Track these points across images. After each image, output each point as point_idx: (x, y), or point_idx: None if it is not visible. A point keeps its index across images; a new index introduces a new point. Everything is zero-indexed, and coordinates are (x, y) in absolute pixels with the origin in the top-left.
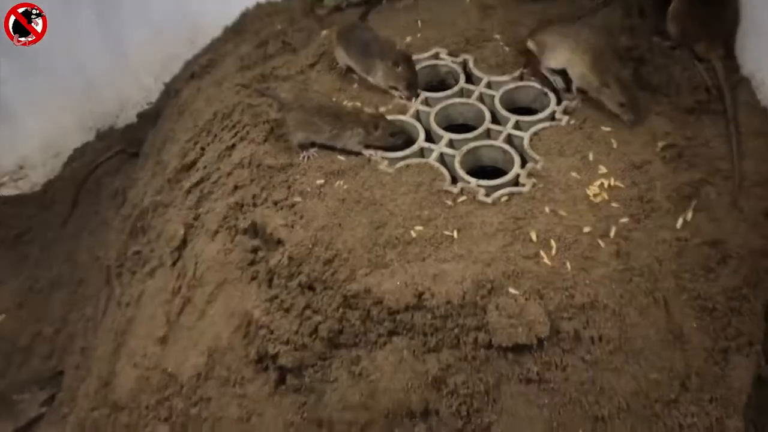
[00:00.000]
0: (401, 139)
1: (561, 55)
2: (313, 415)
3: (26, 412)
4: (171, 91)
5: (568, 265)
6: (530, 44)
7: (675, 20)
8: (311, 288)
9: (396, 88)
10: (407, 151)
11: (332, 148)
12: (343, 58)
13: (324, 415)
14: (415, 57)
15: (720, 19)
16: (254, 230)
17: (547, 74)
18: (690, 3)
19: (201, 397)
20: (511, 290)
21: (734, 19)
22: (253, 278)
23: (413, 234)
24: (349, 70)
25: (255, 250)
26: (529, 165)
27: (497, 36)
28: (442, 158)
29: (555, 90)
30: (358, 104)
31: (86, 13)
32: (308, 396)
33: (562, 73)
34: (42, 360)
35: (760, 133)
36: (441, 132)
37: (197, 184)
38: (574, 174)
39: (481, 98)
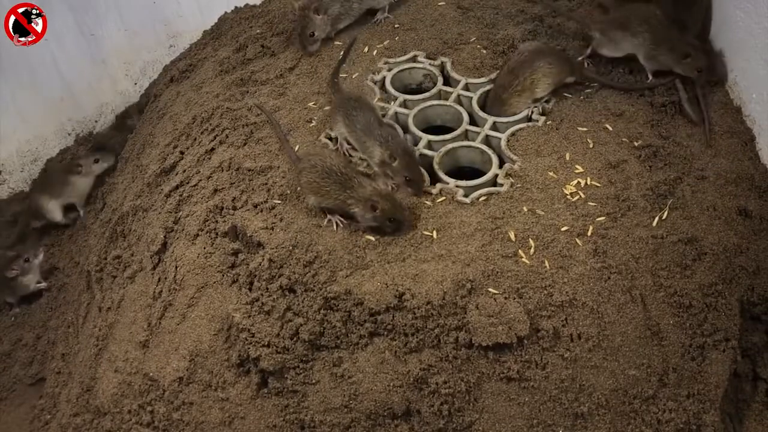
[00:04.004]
0: (395, 226)
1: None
2: (295, 418)
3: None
4: (150, 95)
5: (547, 263)
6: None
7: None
8: (292, 290)
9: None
10: None
11: None
12: (341, 130)
13: (306, 418)
14: (393, 60)
15: None
16: (234, 233)
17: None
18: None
19: (183, 401)
20: (491, 289)
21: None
22: (234, 281)
23: None
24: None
25: (235, 253)
26: (507, 165)
27: (474, 38)
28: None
29: None
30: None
31: (64, 18)
32: (290, 399)
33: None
34: (23, 366)
35: (733, 132)
36: (420, 134)
37: (177, 187)
38: (551, 174)
39: (458, 100)
